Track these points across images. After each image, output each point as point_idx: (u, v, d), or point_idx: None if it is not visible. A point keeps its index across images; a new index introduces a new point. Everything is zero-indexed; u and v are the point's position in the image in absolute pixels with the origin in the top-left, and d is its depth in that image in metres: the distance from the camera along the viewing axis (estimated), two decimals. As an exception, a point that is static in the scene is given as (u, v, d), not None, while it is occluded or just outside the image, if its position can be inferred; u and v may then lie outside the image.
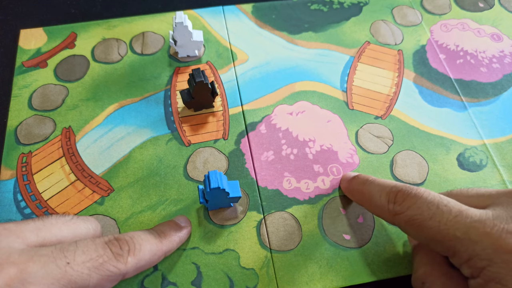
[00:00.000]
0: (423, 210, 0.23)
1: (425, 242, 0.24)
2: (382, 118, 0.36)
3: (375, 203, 0.27)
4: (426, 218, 0.23)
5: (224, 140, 0.35)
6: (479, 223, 0.22)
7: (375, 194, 0.27)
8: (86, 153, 0.34)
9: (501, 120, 0.37)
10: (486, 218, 0.22)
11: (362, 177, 0.30)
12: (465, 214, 0.22)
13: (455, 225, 0.22)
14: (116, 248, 0.23)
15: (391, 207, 0.25)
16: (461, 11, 0.44)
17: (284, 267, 0.29)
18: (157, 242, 0.26)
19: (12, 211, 0.31)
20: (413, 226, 0.24)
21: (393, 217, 0.25)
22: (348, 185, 0.31)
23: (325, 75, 0.39)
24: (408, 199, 0.24)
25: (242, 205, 0.32)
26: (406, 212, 0.24)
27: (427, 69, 0.40)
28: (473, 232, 0.21)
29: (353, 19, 0.43)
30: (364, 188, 0.28)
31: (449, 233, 0.22)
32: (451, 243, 0.22)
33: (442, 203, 0.23)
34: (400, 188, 0.25)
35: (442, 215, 0.23)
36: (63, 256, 0.21)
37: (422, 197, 0.24)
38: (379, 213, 0.27)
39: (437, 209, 0.23)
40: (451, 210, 0.23)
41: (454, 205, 0.23)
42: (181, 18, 0.36)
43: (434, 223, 0.23)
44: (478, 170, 0.34)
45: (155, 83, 0.38)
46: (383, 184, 0.27)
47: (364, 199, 0.29)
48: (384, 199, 0.26)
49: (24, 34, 0.40)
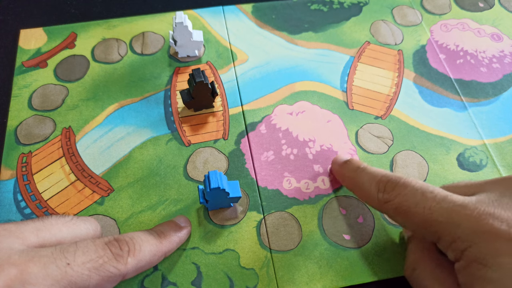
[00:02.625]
0: (409, 197, 0.24)
1: (412, 229, 0.25)
2: (382, 118, 0.36)
3: (365, 191, 0.28)
4: (412, 205, 0.24)
5: (224, 140, 0.35)
6: (461, 207, 0.22)
7: (365, 182, 0.28)
8: (86, 153, 0.34)
9: (501, 120, 0.37)
10: (469, 202, 0.22)
11: (354, 162, 0.30)
12: (448, 200, 0.23)
13: (438, 210, 0.23)
14: (116, 248, 0.23)
15: (381, 196, 0.26)
16: (461, 11, 0.44)
17: (284, 267, 0.29)
18: (157, 243, 0.26)
19: (12, 211, 0.31)
20: (400, 213, 0.25)
21: (382, 205, 0.26)
22: (339, 169, 0.31)
23: (325, 75, 0.39)
24: (396, 187, 0.25)
25: (242, 205, 0.32)
26: (394, 200, 0.25)
27: (427, 69, 0.40)
28: (454, 216, 0.22)
29: (353, 19, 0.43)
30: (356, 176, 0.29)
31: (433, 218, 0.23)
32: (435, 228, 0.23)
33: (428, 190, 0.24)
34: (390, 178, 0.26)
35: (426, 201, 0.23)
36: (63, 257, 0.21)
37: (409, 185, 0.25)
38: (369, 201, 0.28)
39: (422, 196, 0.24)
40: (436, 196, 0.23)
41: (439, 191, 0.24)
42: (181, 18, 0.36)
43: (419, 210, 0.24)
44: (478, 170, 0.34)
45: (155, 83, 0.38)
46: (374, 172, 0.28)
47: (354, 186, 0.29)
48: (374, 188, 0.27)
49: (24, 34, 0.40)
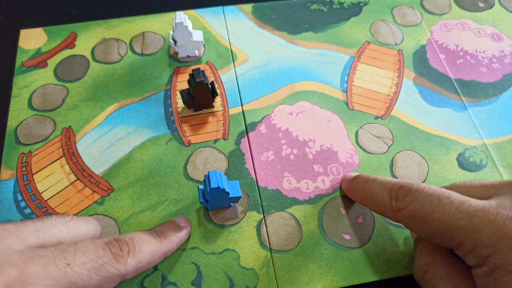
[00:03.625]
0: (425, 203, 0.23)
1: (429, 236, 0.24)
2: (382, 118, 0.36)
3: (377, 201, 0.27)
4: (429, 211, 0.23)
5: (224, 140, 0.35)
6: (482, 212, 0.21)
7: (377, 192, 0.27)
8: (86, 153, 0.34)
9: (501, 120, 0.37)
10: (490, 206, 0.22)
11: (363, 176, 0.30)
12: (467, 204, 0.22)
13: (458, 215, 0.22)
14: (116, 249, 0.23)
15: (394, 204, 0.25)
16: (461, 11, 0.44)
17: (284, 267, 0.29)
18: (157, 243, 0.26)
19: (12, 211, 0.31)
20: (417, 220, 0.24)
21: (396, 213, 0.25)
22: (349, 185, 0.31)
23: (325, 75, 0.39)
24: (409, 194, 0.24)
25: (242, 205, 0.32)
26: (408, 207, 0.24)
27: (427, 69, 0.40)
28: (476, 220, 0.21)
29: (353, 19, 0.43)
30: (366, 187, 0.28)
31: (453, 223, 0.22)
32: (455, 234, 0.22)
33: (443, 195, 0.23)
34: (401, 185, 0.25)
35: (444, 207, 0.23)
36: (63, 257, 0.21)
37: (423, 191, 0.24)
38: (382, 210, 0.27)
39: (439, 202, 0.23)
40: (453, 202, 0.23)
41: (456, 196, 0.23)
42: (181, 18, 0.36)
43: (437, 216, 0.23)
44: (478, 170, 0.34)
45: (155, 83, 0.38)
46: (384, 181, 0.27)
47: (366, 198, 0.28)
48: (386, 196, 0.26)
49: (24, 34, 0.40)
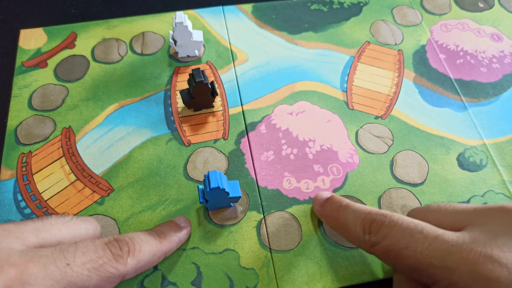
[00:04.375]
0: (398, 239, 0.23)
1: (405, 272, 0.24)
2: (382, 118, 0.36)
3: (350, 233, 0.26)
4: (402, 247, 0.22)
5: (224, 140, 0.35)
6: (456, 248, 0.21)
7: (350, 222, 0.26)
8: (86, 153, 0.34)
9: (501, 120, 0.37)
10: (463, 242, 0.21)
11: (336, 201, 0.28)
12: (440, 240, 0.22)
13: (431, 253, 0.21)
14: (115, 249, 0.23)
15: (367, 238, 0.24)
16: (461, 11, 0.44)
17: (284, 267, 0.29)
18: (157, 243, 0.26)
19: (12, 211, 0.31)
20: (390, 256, 0.23)
21: (370, 248, 0.24)
22: (321, 209, 0.30)
23: (325, 75, 0.39)
24: (382, 228, 0.24)
25: (242, 205, 0.32)
26: (382, 243, 0.23)
27: (427, 69, 0.40)
28: (449, 258, 0.21)
29: (353, 19, 0.43)
30: (339, 215, 0.27)
31: (426, 261, 0.21)
32: (430, 271, 0.21)
33: (416, 230, 0.22)
34: (374, 217, 0.24)
35: (417, 243, 0.22)
36: (63, 257, 0.21)
37: (396, 225, 0.23)
38: (356, 243, 0.26)
39: (412, 237, 0.22)
40: (426, 237, 0.22)
41: (429, 230, 0.22)
42: (181, 18, 0.36)
43: (411, 253, 0.22)
44: (478, 170, 0.34)
45: (155, 83, 0.38)
46: (358, 211, 0.26)
47: (339, 227, 0.27)
48: (359, 228, 0.25)
49: (24, 34, 0.40)
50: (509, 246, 0.20)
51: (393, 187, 0.33)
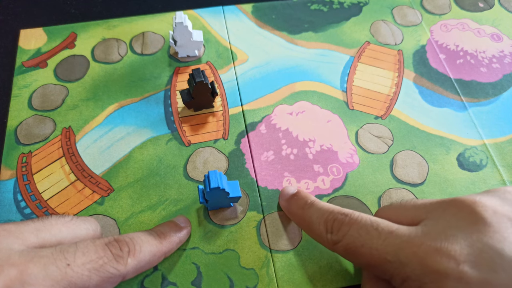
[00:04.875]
0: (355, 237, 0.23)
1: (364, 268, 0.24)
2: (382, 118, 0.36)
3: (314, 232, 0.26)
4: (359, 245, 0.23)
5: (224, 140, 0.35)
6: (407, 243, 0.21)
7: (314, 221, 0.26)
8: (86, 153, 0.34)
9: (501, 120, 0.37)
10: (415, 236, 0.21)
11: (301, 197, 0.29)
12: (394, 235, 0.22)
13: (385, 249, 0.22)
14: (116, 249, 0.23)
15: (329, 237, 0.25)
16: (461, 11, 0.44)
17: (284, 267, 0.29)
18: (157, 243, 0.26)
19: (12, 211, 0.31)
20: (350, 254, 0.24)
21: (332, 246, 0.25)
22: (287, 205, 0.30)
23: (325, 75, 0.39)
24: (342, 227, 0.24)
25: (242, 205, 0.32)
26: (342, 241, 0.24)
27: (427, 69, 0.40)
28: (401, 253, 0.21)
29: (353, 19, 0.43)
30: (304, 213, 0.27)
31: (381, 257, 0.22)
32: (385, 267, 0.22)
33: (372, 227, 0.23)
34: (336, 216, 0.25)
35: (372, 240, 0.22)
36: (63, 257, 0.21)
37: (355, 223, 0.24)
38: (320, 241, 0.26)
39: (368, 235, 0.23)
40: (381, 233, 0.22)
41: (384, 227, 0.23)
42: (181, 18, 0.36)
43: (367, 250, 0.22)
44: (478, 170, 0.34)
45: (155, 83, 0.38)
46: (321, 209, 0.26)
47: (303, 225, 0.28)
48: (322, 228, 0.25)
49: (24, 34, 0.40)
50: (457, 238, 0.20)
51: (393, 187, 0.33)
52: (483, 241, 0.20)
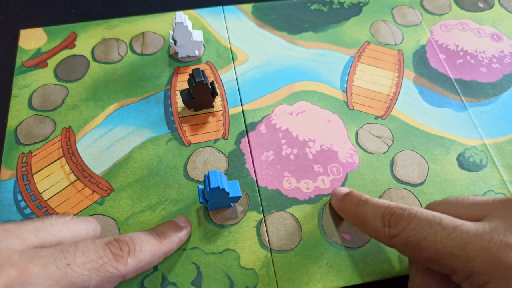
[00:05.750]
0: (417, 231, 0.23)
1: (424, 263, 0.24)
2: (382, 118, 0.36)
3: (370, 227, 0.26)
4: (421, 238, 0.23)
5: (224, 140, 0.35)
6: (476, 238, 0.21)
7: (369, 217, 0.26)
8: (86, 153, 0.34)
9: (501, 120, 0.37)
10: (483, 231, 0.21)
11: (354, 196, 0.29)
12: (460, 230, 0.22)
13: (451, 243, 0.22)
14: (116, 249, 0.23)
15: (387, 231, 0.25)
16: (461, 11, 0.44)
17: (284, 267, 0.29)
18: (157, 243, 0.26)
19: (12, 211, 0.31)
20: (409, 248, 0.23)
21: (390, 240, 0.25)
22: (340, 203, 0.30)
23: (325, 75, 0.39)
24: (402, 221, 0.24)
25: (242, 205, 0.32)
26: (401, 235, 0.24)
27: (427, 69, 0.40)
28: (470, 248, 0.21)
29: (353, 19, 0.43)
30: (358, 211, 0.28)
31: (446, 251, 0.22)
32: (449, 262, 0.22)
33: (435, 221, 0.23)
34: (393, 210, 0.25)
35: (436, 234, 0.22)
36: (63, 257, 0.21)
37: (415, 217, 0.24)
38: (376, 236, 0.26)
39: (430, 229, 0.23)
40: (445, 228, 0.22)
41: (448, 222, 0.23)
42: (181, 18, 0.36)
43: (430, 243, 0.22)
44: (478, 170, 0.34)
45: (155, 83, 0.38)
46: (377, 205, 0.26)
47: (358, 222, 0.28)
48: (379, 222, 0.25)
49: (24, 34, 0.40)
50: None
51: (393, 187, 0.33)
52: None
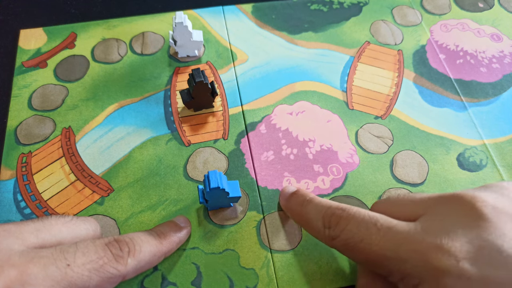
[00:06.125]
0: (354, 233, 0.23)
1: (363, 264, 0.24)
2: (382, 118, 0.36)
3: (313, 228, 0.26)
4: (357, 240, 0.23)
5: (224, 140, 0.35)
6: (407, 240, 0.21)
7: (312, 217, 0.26)
8: (86, 153, 0.34)
9: (501, 120, 0.37)
10: (415, 232, 0.21)
11: (300, 195, 0.29)
12: (394, 231, 0.22)
13: (385, 245, 0.22)
14: (116, 249, 0.23)
15: (327, 232, 0.25)
16: (461, 11, 0.44)
17: (284, 267, 0.29)
18: (157, 243, 0.26)
19: (12, 211, 0.31)
20: (348, 250, 0.23)
21: (331, 242, 0.25)
22: (286, 203, 0.30)
23: (325, 75, 0.39)
24: (340, 222, 0.24)
25: (242, 205, 0.32)
26: (340, 236, 0.24)
27: (427, 69, 0.40)
28: (401, 250, 0.21)
29: (353, 19, 0.43)
30: (302, 210, 0.27)
31: (380, 253, 0.22)
32: (384, 263, 0.22)
33: (371, 223, 0.23)
34: (333, 211, 0.25)
35: (371, 236, 0.22)
36: (63, 258, 0.21)
37: (353, 218, 0.23)
38: (319, 237, 0.26)
39: (367, 230, 0.23)
40: (380, 229, 0.22)
41: (383, 222, 0.22)
42: (181, 18, 0.36)
43: (366, 245, 0.22)
44: (478, 170, 0.34)
45: (155, 83, 0.38)
46: (319, 205, 0.26)
47: (302, 222, 0.28)
48: (320, 223, 0.25)
49: (24, 34, 0.40)
50: (458, 235, 0.20)
51: (393, 187, 0.33)
52: (483, 237, 0.20)
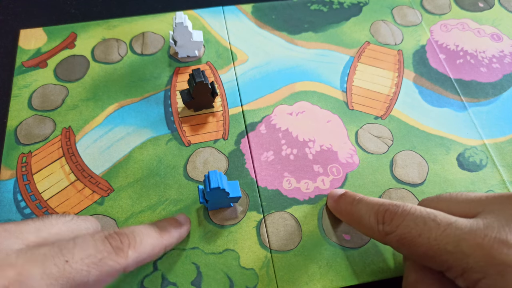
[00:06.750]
0: (411, 227, 0.23)
1: (418, 259, 0.24)
2: (382, 118, 0.36)
3: (364, 225, 0.26)
4: (415, 235, 0.23)
5: (224, 140, 0.35)
6: (470, 235, 0.21)
7: (363, 214, 0.26)
8: (86, 153, 0.34)
9: (501, 120, 0.37)
10: (477, 228, 0.21)
11: (349, 195, 0.29)
12: (454, 226, 0.22)
13: (445, 239, 0.22)
14: (116, 242, 0.23)
15: (381, 228, 0.25)
16: (461, 11, 0.44)
17: (284, 267, 0.29)
18: (158, 236, 0.26)
19: (12, 211, 0.31)
20: (404, 245, 0.23)
21: (384, 237, 0.25)
22: (335, 204, 0.30)
23: (325, 75, 0.39)
24: (396, 217, 0.24)
25: (242, 205, 0.32)
26: (396, 232, 0.24)
27: (427, 69, 0.40)
28: (464, 244, 0.21)
29: (353, 19, 0.43)
30: (352, 209, 0.28)
31: (440, 248, 0.22)
32: (443, 258, 0.22)
33: (429, 218, 0.23)
34: (387, 207, 0.25)
35: (430, 230, 0.22)
36: (61, 254, 0.21)
37: (409, 214, 0.24)
38: (370, 234, 0.26)
39: (425, 225, 0.23)
40: (440, 224, 0.22)
41: (442, 218, 0.23)
42: (181, 18, 0.36)
43: (424, 240, 0.22)
44: (478, 170, 0.34)
45: (155, 83, 0.38)
46: (371, 203, 0.26)
47: (353, 220, 0.28)
48: (373, 220, 0.25)
49: (24, 34, 0.40)
50: None
51: (393, 187, 0.33)
52: None
